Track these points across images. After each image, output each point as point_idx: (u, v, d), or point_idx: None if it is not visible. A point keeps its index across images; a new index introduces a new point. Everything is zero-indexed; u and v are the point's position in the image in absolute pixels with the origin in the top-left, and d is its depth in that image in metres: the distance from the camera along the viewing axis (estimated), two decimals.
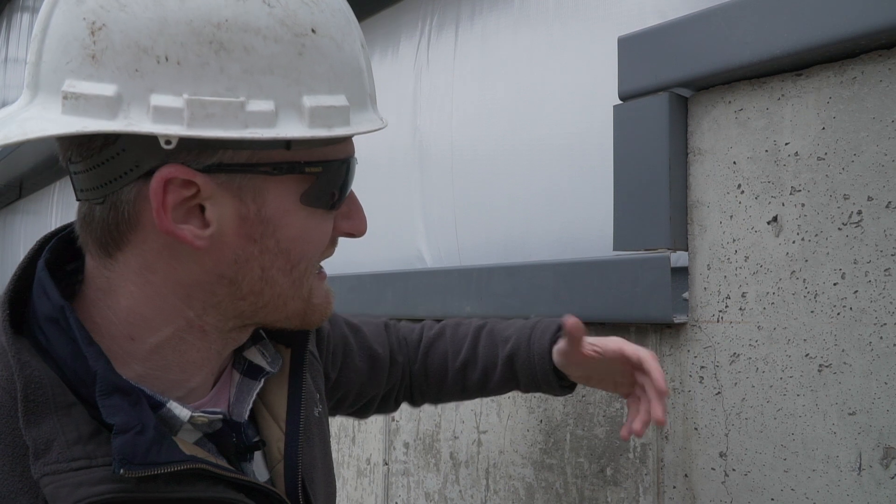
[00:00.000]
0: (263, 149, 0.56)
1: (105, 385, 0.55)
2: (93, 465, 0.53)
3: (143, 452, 0.54)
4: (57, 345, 0.57)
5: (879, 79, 0.88)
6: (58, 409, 0.54)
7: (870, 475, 0.86)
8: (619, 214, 1.12)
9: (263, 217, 0.58)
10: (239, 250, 0.59)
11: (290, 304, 0.63)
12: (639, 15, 1.26)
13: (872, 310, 0.87)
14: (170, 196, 0.55)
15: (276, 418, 0.70)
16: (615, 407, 1.15)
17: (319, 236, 0.63)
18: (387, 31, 1.96)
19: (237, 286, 0.60)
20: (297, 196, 0.59)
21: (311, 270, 0.63)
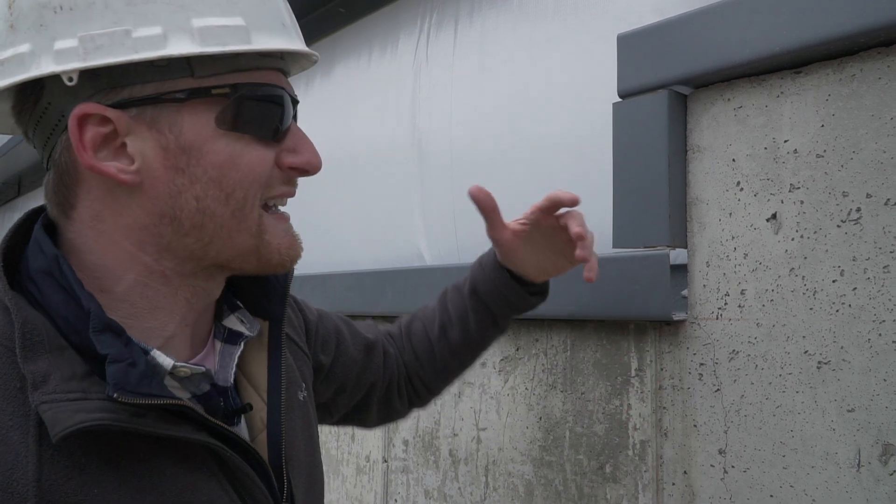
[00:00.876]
0: (168, 77, 0.59)
1: (98, 322, 0.59)
2: (88, 398, 0.56)
3: (135, 382, 0.58)
4: (49, 295, 0.61)
5: (878, 76, 0.88)
6: (52, 350, 0.58)
7: (868, 472, 0.86)
8: (618, 212, 1.12)
9: (183, 145, 0.61)
10: (170, 183, 0.61)
11: (236, 238, 0.65)
12: (638, 12, 1.26)
13: (871, 307, 0.87)
14: (87, 133, 0.59)
15: (258, 389, 0.73)
16: (614, 404, 1.15)
17: (252, 165, 0.64)
18: (386, 28, 1.95)
19: (179, 222, 0.62)
20: (212, 121, 0.62)
21: (252, 202, 0.64)
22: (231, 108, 0.62)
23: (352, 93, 2.03)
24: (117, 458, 0.58)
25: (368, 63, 2.00)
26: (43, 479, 0.54)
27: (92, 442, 0.57)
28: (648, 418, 1.10)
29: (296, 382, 0.81)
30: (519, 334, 1.33)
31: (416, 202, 1.79)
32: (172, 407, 0.60)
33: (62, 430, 0.54)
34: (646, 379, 1.11)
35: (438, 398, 1.15)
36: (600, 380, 1.18)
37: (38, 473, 0.54)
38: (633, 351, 1.13)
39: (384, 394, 1.04)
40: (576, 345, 1.22)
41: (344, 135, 2.01)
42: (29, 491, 0.54)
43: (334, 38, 2.12)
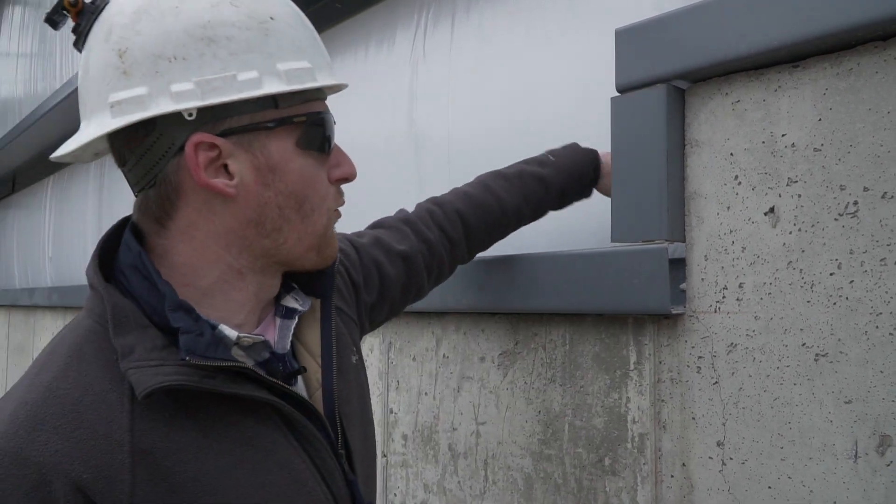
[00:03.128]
0: (259, 110, 0.74)
1: (172, 302, 0.73)
2: (166, 364, 0.69)
3: (203, 348, 0.71)
4: (135, 284, 0.75)
5: (875, 70, 0.88)
6: (137, 328, 0.72)
7: (866, 463, 0.87)
8: (616, 206, 1.13)
9: (271, 165, 0.76)
10: (259, 195, 0.76)
11: (305, 238, 0.79)
12: (635, 7, 1.27)
13: (868, 299, 0.88)
14: (200, 157, 0.72)
15: (313, 354, 0.86)
16: (613, 398, 1.16)
17: (317, 178, 0.79)
18: (383, 23, 1.95)
19: (262, 226, 0.77)
20: (293, 143, 0.77)
21: (318, 209, 0.80)
22: (307, 132, 0.77)
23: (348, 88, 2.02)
24: (196, 413, 0.71)
25: (365, 58, 2.00)
26: (135, 429, 0.68)
27: (174, 400, 0.70)
28: (647, 411, 1.11)
29: (348, 347, 0.93)
30: (518, 328, 1.33)
31: (413, 196, 1.79)
32: (236, 369, 0.72)
33: (144, 389, 0.67)
34: (644, 372, 1.11)
35: None
36: (599, 373, 1.18)
37: (130, 424, 0.68)
38: (632, 344, 1.14)
39: (434, 276, 1.16)
40: (574, 339, 1.23)
41: (341, 130, 2.01)
42: (124, 437, 0.67)
43: (331, 32, 2.12)
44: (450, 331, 1.49)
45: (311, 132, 0.78)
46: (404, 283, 1.10)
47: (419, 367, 1.57)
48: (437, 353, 1.52)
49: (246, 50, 0.73)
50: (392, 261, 1.08)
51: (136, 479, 0.67)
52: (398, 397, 1.63)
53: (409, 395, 1.60)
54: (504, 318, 1.37)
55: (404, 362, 1.61)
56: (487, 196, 1.18)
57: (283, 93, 0.74)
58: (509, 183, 1.19)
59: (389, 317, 1.13)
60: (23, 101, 5.32)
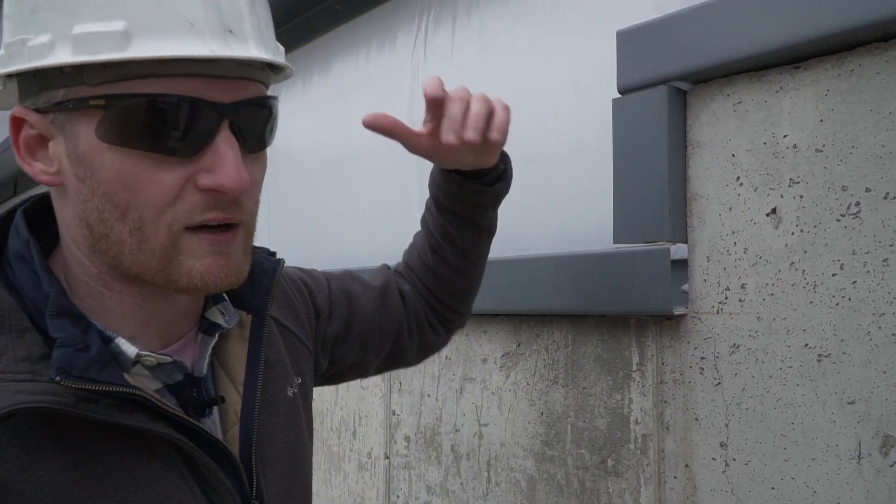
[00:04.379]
0: (73, 85, 0.58)
1: (55, 307, 0.59)
2: (36, 380, 0.57)
3: (82, 367, 0.57)
4: (20, 277, 0.62)
5: (877, 71, 0.88)
6: (11, 331, 0.59)
7: (869, 463, 0.87)
8: (618, 207, 1.13)
9: (79, 155, 0.59)
10: (77, 191, 0.60)
11: (140, 256, 0.61)
12: (636, 8, 1.27)
13: (871, 300, 0.88)
14: (22, 134, 0.61)
15: (235, 382, 0.72)
16: (616, 399, 1.16)
17: (148, 184, 0.59)
18: (384, 26, 1.95)
19: (90, 228, 0.61)
20: (93, 133, 0.58)
21: (152, 223, 0.60)
22: (108, 119, 0.57)
23: (350, 90, 2.03)
24: (69, 444, 0.58)
25: (366, 60, 2.00)
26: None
27: (44, 426, 0.57)
28: (650, 412, 1.11)
29: (284, 377, 0.79)
30: (520, 330, 1.34)
31: (415, 198, 1.79)
32: (125, 395, 0.59)
33: (2, 409, 0.54)
34: (647, 373, 1.12)
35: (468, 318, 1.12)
36: (602, 374, 1.18)
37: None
38: (635, 346, 1.14)
39: (415, 332, 1.02)
40: (577, 340, 1.23)
41: (342, 132, 2.02)
42: None
43: (332, 35, 2.12)
44: None
45: (120, 120, 0.57)
46: (382, 321, 0.97)
47: (421, 368, 1.57)
48: (439, 354, 1.52)
49: (45, 5, 0.57)
50: (367, 293, 0.97)
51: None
52: (400, 399, 1.63)
53: (411, 396, 1.60)
54: (506, 319, 1.37)
55: None
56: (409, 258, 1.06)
57: (68, 65, 0.56)
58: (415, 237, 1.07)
59: (364, 360, 0.98)
60: None
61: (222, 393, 0.71)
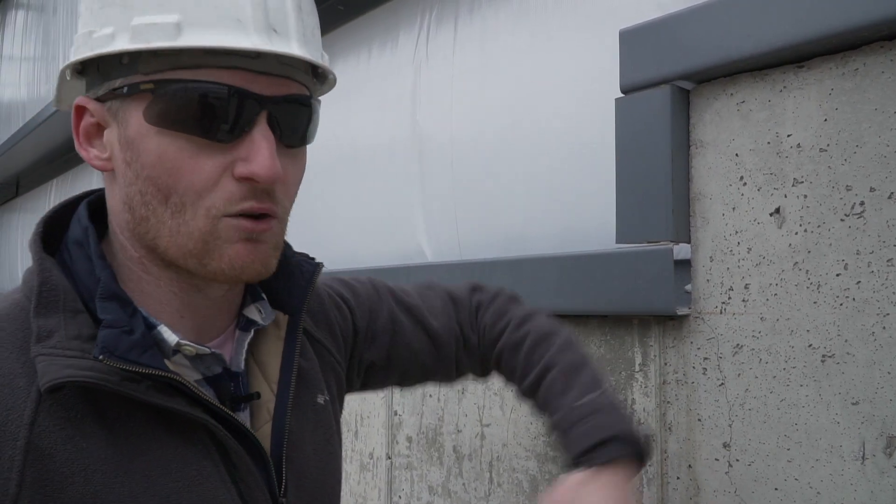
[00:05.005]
0: (129, 74, 0.62)
1: (105, 290, 0.63)
2: (84, 357, 0.60)
3: (125, 349, 0.60)
4: (77, 262, 0.65)
5: (881, 70, 0.88)
6: (65, 311, 0.62)
7: (873, 464, 0.87)
8: (621, 207, 1.13)
9: (128, 139, 0.63)
10: (125, 174, 0.64)
11: (178, 239, 0.63)
12: (639, 8, 1.26)
13: (875, 300, 0.87)
14: (83, 122, 0.65)
15: (269, 380, 0.74)
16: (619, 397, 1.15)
17: (188, 169, 0.61)
18: (386, 25, 1.95)
19: (133, 212, 0.64)
20: (142, 116, 0.62)
21: (192, 208, 0.62)
22: (157, 103, 0.61)
23: (352, 90, 2.03)
24: (111, 419, 0.61)
25: (368, 60, 2.00)
26: (36, 424, 0.58)
27: (89, 402, 0.60)
28: (653, 413, 1.10)
29: (314, 384, 0.79)
30: None
31: (417, 199, 1.79)
32: (163, 378, 0.61)
33: (50, 381, 0.57)
34: (650, 374, 1.11)
35: None
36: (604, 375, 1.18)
37: (32, 417, 0.58)
38: (637, 346, 1.13)
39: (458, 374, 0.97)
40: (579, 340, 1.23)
41: (344, 132, 2.01)
42: (20, 431, 0.57)
43: (334, 35, 2.12)
44: None
45: (168, 104, 0.60)
46: (424, 361, 0.92)
47: None
48: None
49: (111, 2, 0.62)
50: (416, 332, 0.92)
51: (24, 483, 0.56)
52: (402, 399, 1.63)
53: (413, 396, 1.60)
54: None
55: None
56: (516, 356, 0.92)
57: (127, 52, 0.61)
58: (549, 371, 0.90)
59: (397, 384, 0.96)
60: (26, 104, 5.33)
61: (255, 387, 0.73)
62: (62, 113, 3.75)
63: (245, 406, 0.71)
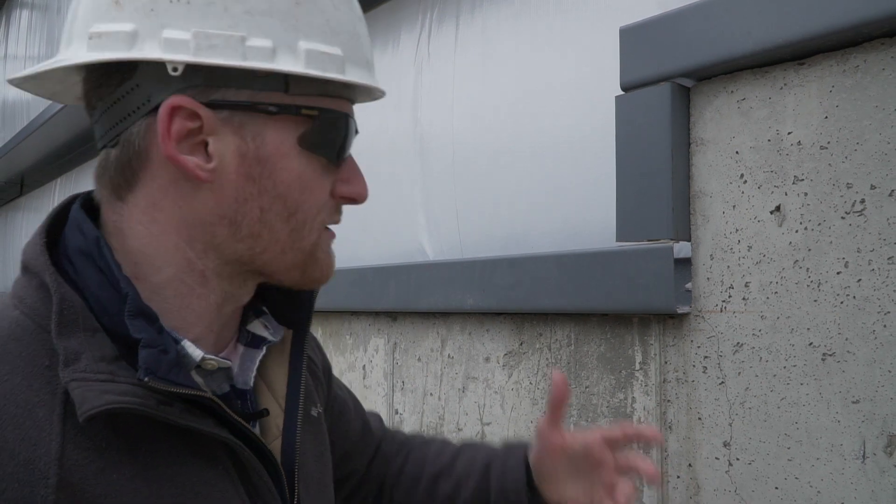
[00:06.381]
0: (263, 90, 0.61)
1: (133, 307, 0.59)
2: (116, 381, 0.56)
3: (166, 369, 0.58)
4: (85, 275, 0.61)
5: (882, 67, 0.87)
6: (85, 330, 0.58)
7: (874, 463, 0.86)
8: (621, 205, 1.12)
9: (262, 156, 0.62)
10: (239, 188, 0.62)
11: (288, 254, 0.66)
12: (640, 5, 1.26)
13: (876, 298, 0.87)
14: (175, 124, 0.60)
15: (276, 395, 0.73)
16: (619, 398, 1.15)
17: (317, 188, 0.66)
18: (387, 23, 1.95)
19: (237, 227, 0.63)
20: (294, 139, 0.63)
21: (310, 224, 0.66)
22: (315, 129, 0.64)
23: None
24: (139, 445, 0.58)
25: None
26: (65, 458, 0.54)
27: (116, 426, 0.57)
28: (653, 411, 1.10)
29: (311, 397, 0.80)
30: (523, 329, 1.33)
31: (419, 197, 1.79)
32: (198, 399, 0.60)
33: (90, 409, 0.54)
34: (650, 372, 1.11)
35: None
36: (604, 373, 1.18)
37: (60, 452, 0.54)
38: (638, 344, 1.13)
39: (355, 489, 0.97)
40: (580, 339, 1.22)
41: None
42: (50, 469, 0.53)
43: None
44: (455, 331, 1.48)
45: (323, 132, 0.64)
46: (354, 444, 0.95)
47: (424, 367, 1.57)
48: (442, 353, 1.52)
49: (266, 12, 0.60)
50: (354, 414, 0.95)
51: None
52: (403, 398, 1.63)
53: (414, 395, 1.59)
54: (509, 318, 1.36)
55: (409, 363, 1.61)
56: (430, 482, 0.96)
57: (297, 75, 0.61)
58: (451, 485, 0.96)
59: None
60: (30, 104, 5.34)
61: (263, 404, 0.71)
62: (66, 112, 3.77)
63: (255, 424, 0.70)
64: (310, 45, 0.61)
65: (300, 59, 0.61)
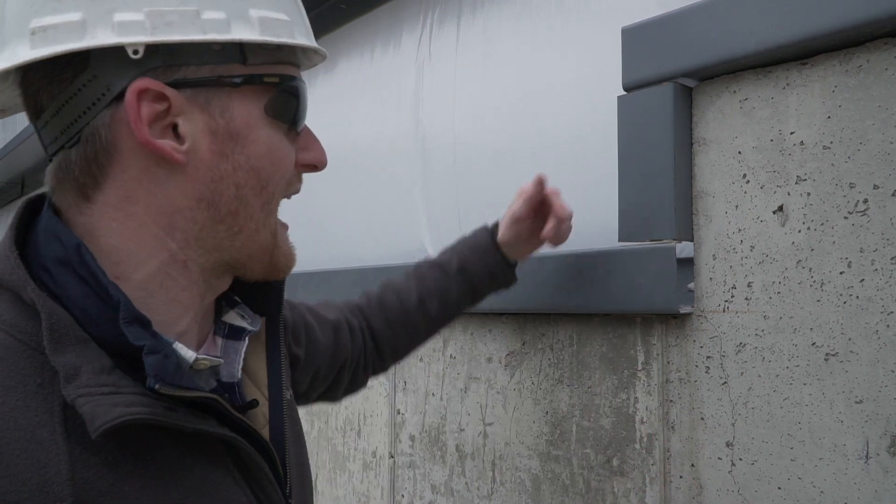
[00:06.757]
0: (223, 62, 0.60)
1: (127, 313, 0.57)
2: (121, 392, 0.55)
3: (171, 374, 0.57)
4: (67, 286, 0.58)
5: (885, 67, 0.87)
6: (76, 343, 0.56)
7: (877, 463, 0.86)
8: (623, 205, 1.12)
9: (232, 131, 0.61)
10: (214, 167, 0.61)
11: (261, 232, 0.65)
12: (642, 5, 1.26)
13: (879, 298, 0.87)
14: (144, 108, 0.57)
15: (259, 385, 0.73)
16: (621, 398, 1.15)
17: (285, 157, 0.66)
18: (388, 24, 1.95)
19: (216, 208, 0.62)
20: (260, 108, 0.63)
21: (278, 197, 0.66)
22: (279, 98, 0.64)
23: (354, 89, 2.03)
24: (146, 455, 0.57)
25: (371, 59, 2.00)
26: (76, 478, 0.53)
27: (120, 438, 0.55)
28: (655, 412, 1.10)
29: (285, 381, 0.81)
30: (525, 329, 1.33)
31: (420, 197, 1.79)
32: (202, 400, 0.59)
33: (103, 425, 0.52)
34: (652, 372, 1.11)
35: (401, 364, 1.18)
36: (607, 374, 1.18)
37: (70, 472, 0.53)
38: (640, 344, 1.13)
39: (353, 369, 1.06)
40: (582, 339, 1.22)
41: (347, 131, 2.01)
42: (64, 490, 0.52)
43: (336, 34, 2.12)
44: (457, 331, 1.48)
45: (284, 99, 0.64)
46: (332, 355, 0.99)
47: (426, 367, 1.57)
48: (444, 353, 1.52)
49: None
50: (322, 326, 0.98)
51: None
52: (405, 398, 1.63)
53: (416, 395, 1.59)
54: (511, 318, 1.36)
55: (411, 363, 1.61)
56: (386, 292, 1.10)
57: (253, 43, 0.61)
58: (406, 277, 1.12)
59: (310, 390, 0.99)
60: None
61: (252, 397, 0.71)
62: None
63: (245, 415, 0.70)
64: (260, 13, 0.61)
65: (255, 27, 0.60)
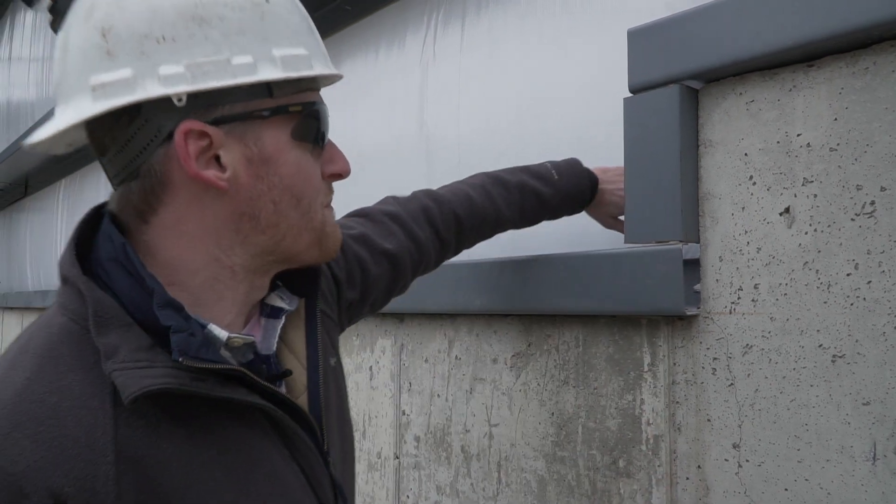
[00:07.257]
0: (252, 98, 0.70)
1: (160, 299, 0.68)
2: (154, 365, 0.66)
3: (196, 349, 0.67)
4: (116, 279, 0.70)
5: (892, 69, 0.87)
6: (119, 327, 0.67)
7: (884, 465, 0.86)
8: (630, 207, 1.12)
9: (265, 156, 0.72)
10: (252, 189, 0.72)
11: (304, 235, 0.76)
12: (648, 7, 1.26)
13: (886, 300, 0.87)
14: (191, 146, 0.68)
15: (297, 355, 0.83)
16: (627, 399, 1.15)
17: (313, 173, 0.76)
18: (393, 24, 1.95)
19: (256, 221, 0.73)
20: (288, 134, 0.73)
21: (315, 205, 0.76)
22: (302, 123, 0.74)
23: (359, 90, 2.03)
24: (184, 418, 0.67)
25: (375, 60, 2.00)
26: (119, 437, 0.64)
27: (159, 405, 0.66)
28: (661, 413, 1.10)
29: (328, 349, 0.89)
30: (531, 330, 1.33)
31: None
32: (228, 371, 0.69)
33: (132, 393, 0.63)
34: (659, 374, 1.11)
35: None
36: (613, 375, 1.18)
37: (114, 431, 0.64)
38: (646, 346, 1.13)
39: (417, 275, 1.14)
40: (588, 340, 1.23)
41: (351, 132, 2.02)
42: (108, 446, 0.63)
43: (341, 35, 2.12)
44: (462, 332, 1.49)
45: (307, 123, 0.74)
46: (388, 283, 1.07)
47: (431, 368, 1.57)
48: (449, 354, 1.52)
49: (239, 32, 0.68)
50: (376, 259, 1.04)
51: (122, 491, 0.63)
52: (410, 399, 1.63)
53: (421, 396, 1.60)
54: (517, 319, 1.36)
55: (416, 364, 1.61)
56: (487, 204, 1.16)
57: (278, 80, 0.70)
58: (510, 194, 1.17)
59: (369, 314, 1.10)
60: (35, 105, 5.36)
61: (286, 365, 0.81)
62: None
63: (280, 384, 0.80)
64: (282, 52, 0.70)
65: (278, 66, 0.70)
